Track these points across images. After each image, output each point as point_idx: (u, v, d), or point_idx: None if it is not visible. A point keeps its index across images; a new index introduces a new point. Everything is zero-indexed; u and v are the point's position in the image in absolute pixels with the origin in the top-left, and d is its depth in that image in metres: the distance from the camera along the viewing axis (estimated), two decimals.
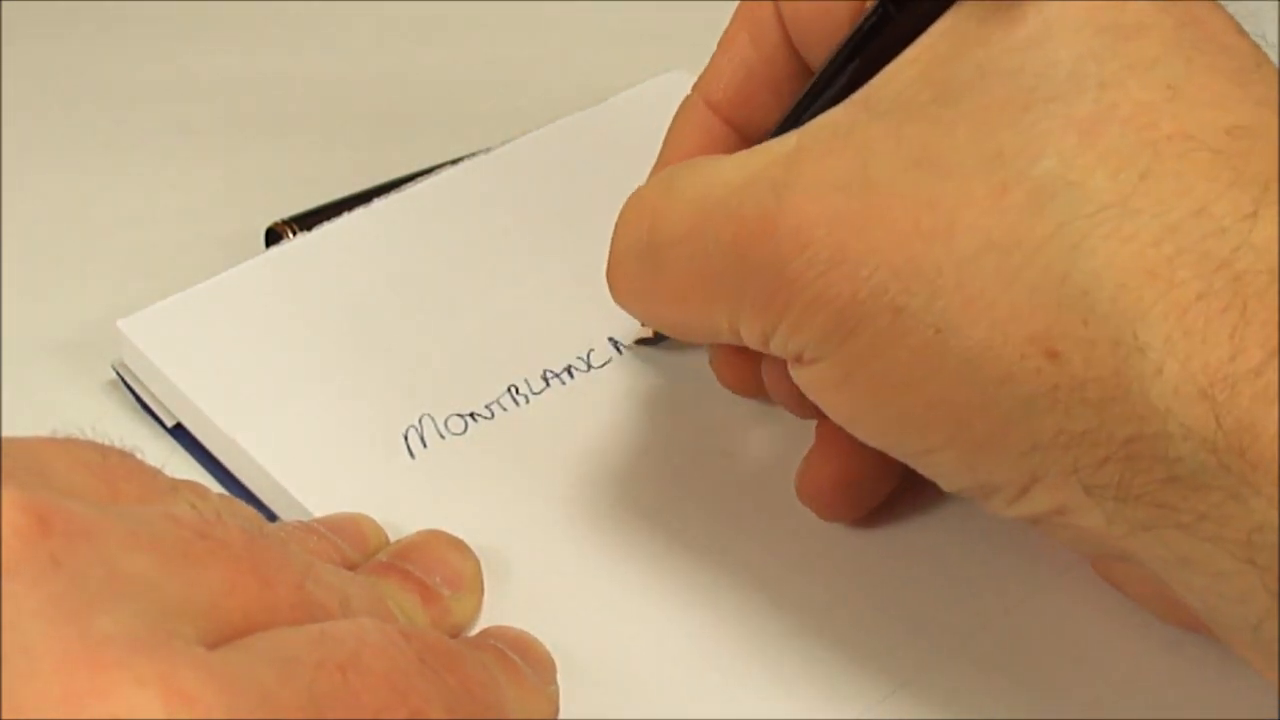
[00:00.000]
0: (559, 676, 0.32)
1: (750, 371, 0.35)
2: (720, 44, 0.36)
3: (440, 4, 0.56)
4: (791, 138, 0.30)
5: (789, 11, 0.34)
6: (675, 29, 0.56)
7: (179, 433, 0.39)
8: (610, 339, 0.40)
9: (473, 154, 0.45)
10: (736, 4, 0.36)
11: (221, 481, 0.38)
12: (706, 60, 0.41)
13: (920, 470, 0.31)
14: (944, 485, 0.31)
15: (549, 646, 0.32)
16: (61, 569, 0.23)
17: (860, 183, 0.29)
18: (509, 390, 0.39)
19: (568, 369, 0.39)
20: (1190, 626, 0.32)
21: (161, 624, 0.24)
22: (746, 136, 0.36)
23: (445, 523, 0.35)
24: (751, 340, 0.31)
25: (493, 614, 0.34)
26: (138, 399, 0.40)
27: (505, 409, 0.38)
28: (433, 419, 0.38)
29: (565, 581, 0.35)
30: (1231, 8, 0.30)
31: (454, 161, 0.45)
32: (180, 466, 0.38)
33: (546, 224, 0.43)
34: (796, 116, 0.33)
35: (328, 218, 0.43)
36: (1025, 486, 0.29)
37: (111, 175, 0.48)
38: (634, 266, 0.33)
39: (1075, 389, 0.27)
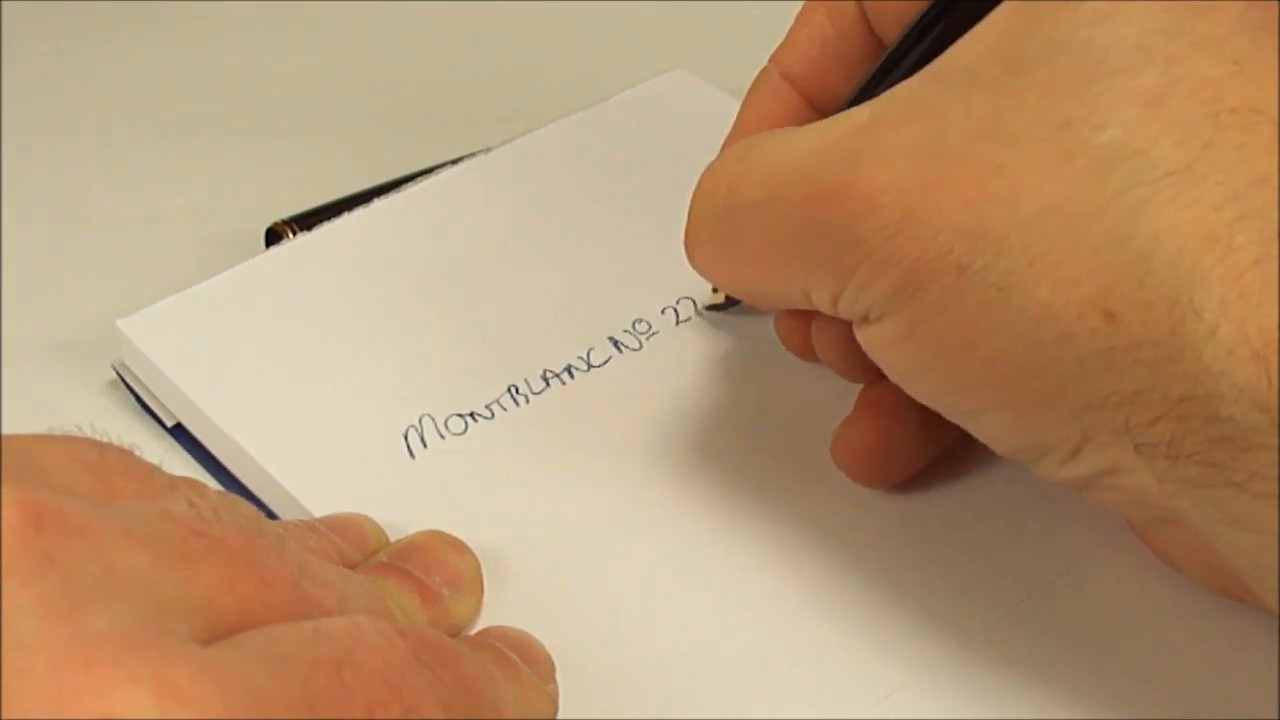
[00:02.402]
0: (559, 676, 0.32)
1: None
2: (798, 18, 0.38)
3: (440, 4, 0.56)
4: (865, 109, 0.31)
5: None
6: (675, 29, 0.56)
7: (179, 432, 0.39)
8: (610, 338, 0.40)
9: (473, 154, 0.45)
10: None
11: (221, 481, 0.38)
12: (707, 60, 0.41)
13: (973, 431, 0.32)
14: (996, 446, 0.32)
15: (548, 646, 0.32)
16: (55, 567, 0.23)
17: (931, 150, 0.30)
18: (509, 390, 0.39)
19: (568, 369, 0.39)
20: (1234, 595, 0.33)
21: (156, 622, 0.24)
22: (819, 109, 0.37)
23: (445, 522, 0.35)
24: (822, 302, 0.32)
25: (492, 614, 0.34)
26: (137, 399, 0.40)
27: (505, 409, 0.38)
28: (433, 419, 0.38)
29: (565, 581, 0.35)
30: None
31: (454, 161, 0.45)
32: (180, 466, 0.38)
33: (546, 224, 0.43)
34: (870, 90, 0.34)
35: (328, 218, 0.43)
36: (1077, 447, 0.30)
37: (112, 175, 0.48)
38: (711, 231, 0.34)
39: (1130, 349, 0.28)
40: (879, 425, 0.36)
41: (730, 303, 0.40)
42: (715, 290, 0.40)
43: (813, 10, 0.37)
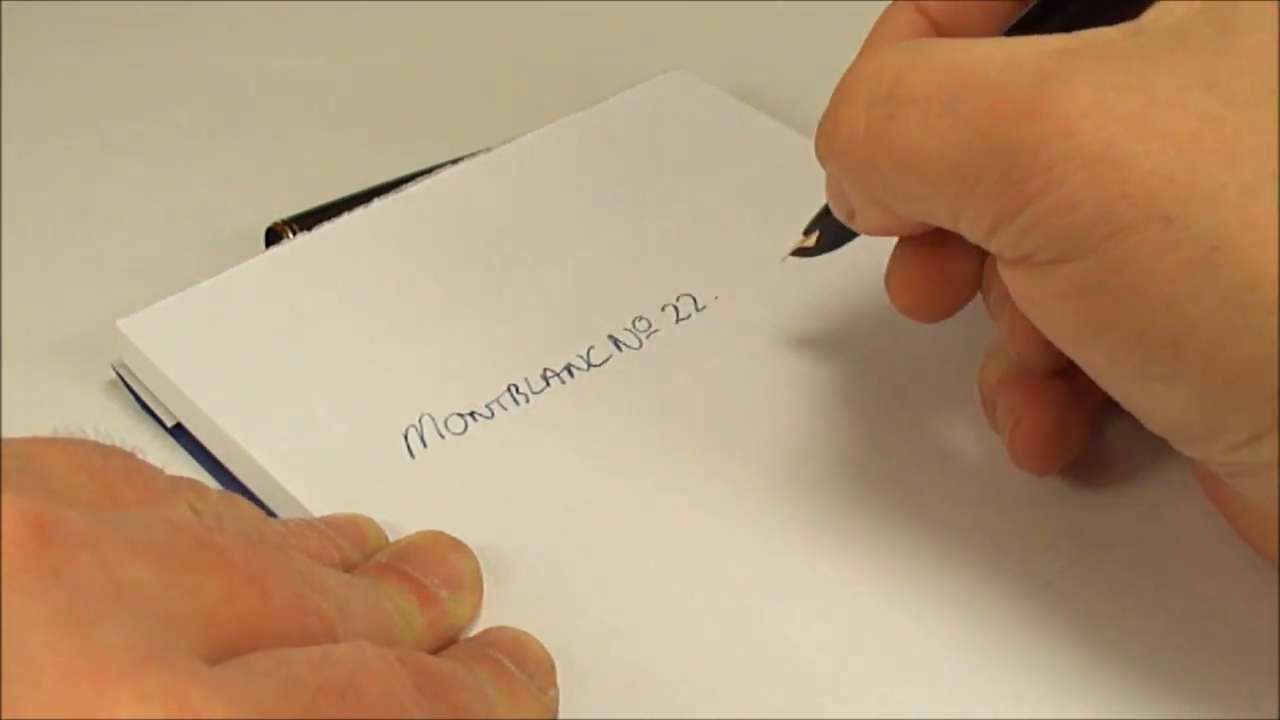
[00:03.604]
0: (559, 677, 0.32)
1: (938, 284, 0.35)
2: None
3: (441, 5, 0.56)
4: (1057, 39, 0.29)
5: None
6: (675, 29, 0.56)
7: (179, 432, 0.39)
8: (610, 336, 0.40)
9: (473, 154, 0.45)
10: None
11: (221, 481, 0.38)
12: (707, 60, 0.41)
13: (1133, 402, 0.30)
14: (1157, 421, 0.30)
15: (549, 646, 0.32)
16: (62, 580, 0.23)
17: (1139, 87, 0.28)
18: (509, 389, 0.39)
19: (568, 368, 0.39)
20: None
21: (162, 636, 0.24)
22: None
23: (445, 522, 0.35)
24: (975, 229, 0.30)
25: (492, 614, 0.34)
26: (138, 399, 0.40)
27: (505, 408, 0.38)
28: (433, 418, 0.38)
29: (566, 580, 0.35)
30: None
31: (454, 161, 0.45)
32: (180, 466, 0.38)
33: (546, 223, 0.43)
34: (1023, 29, 0.32)
35: (328, 218, 0.43)
36: (1260, 433, 0.28)
37: (112, 175, 0.48)
38: (862, 116, 0.31)
39: None
40: (1056, 413, 0.35)
41: (821, 247, 0.38)
42: (808, 233, 0.38)
43: None
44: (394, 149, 0.48)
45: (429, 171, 0.45)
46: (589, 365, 0.39)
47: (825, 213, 0.37)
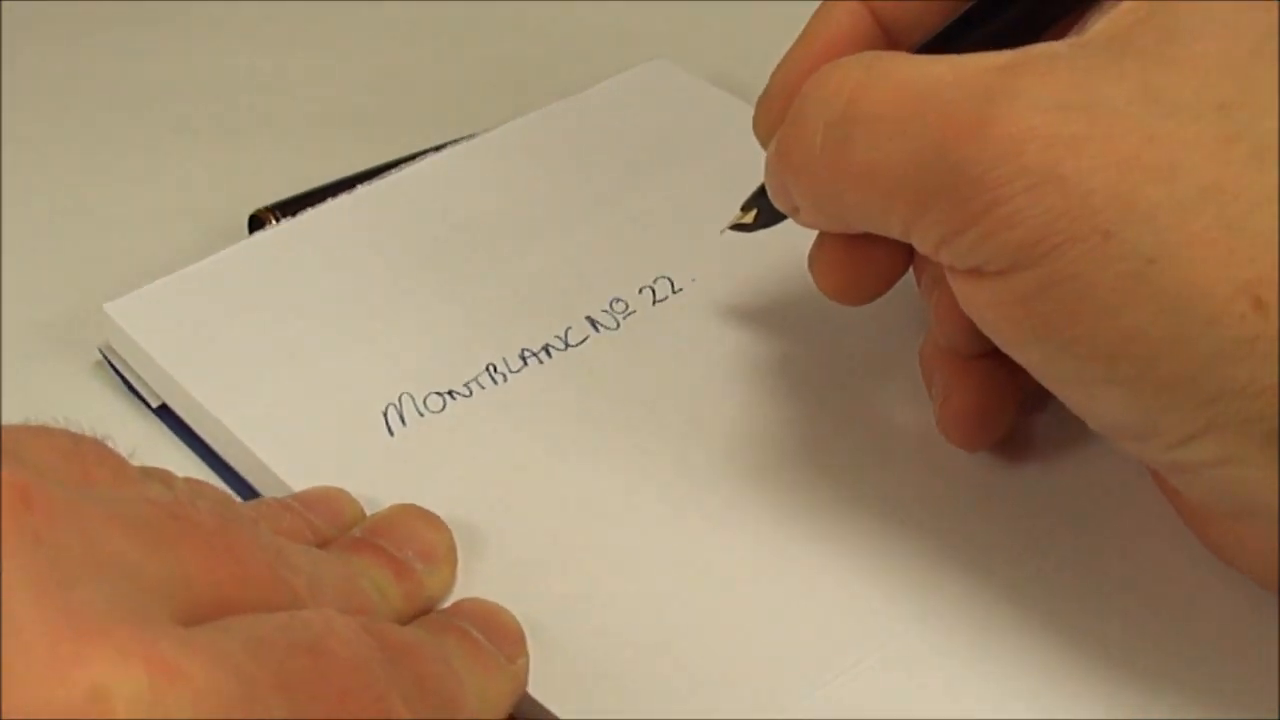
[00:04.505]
0: (531, 647, 0.32)
1: (863, 270, 0.35)
2: None
3: (427, 3, 0.57)
4: (1005, 54, 0.30)
5: None
6: (657, 18, 0.56)
7: (164, 413, 0.40)
8: (587, 317, 0.41)
9: (455, 141, 0.46)
10: None
11: (205, 460, 0.39)
12: (688, 49, 0.41)
13: (1073, 402, 0.31)
14: (1094, 421, 0.31)
15: (521, 618, 0.33)
16: (44, 545, 0.24)
17: (1081, 104, 0.28)
18: (487, 369, 0.39)
19: (545, 348, 0.40)
20: None
21: (140, 599, 0.24)
22: (893, 38, 0.35)
23: (423, 498, 0.35)
24: (924, 241, 0.31)
25: (466, 587, 0.34)
26: (124, 380, 0.40)
27: (484, 387, 0.39)
28: (412, 397, 0.38)
29: (540, 554, 0.35)
30: None
31: (437, 148, 0.46)
32: (165, 446, 0.39)
33: (526, 207, 0.44)
34: (967, 27, 0.33)
35: (310, 204, 0.43)
36: (1193, 435, 0.29)
37: (99, 164, 0.49)
38: (819, 136, 0.32)
39: (1275, 340, 0.27)
40: (984, 391, 0.36)
41: (759, 224, 0.38)
42: (745, 209, 0.38)
43: None
44: (378, 142, 0.48)
45: (412, 158, 0.45)
46: (566, 346, 0.40)
47: (762, 191, 0.37)
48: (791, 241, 0.39)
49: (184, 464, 0.39)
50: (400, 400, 0.38)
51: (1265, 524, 0.30)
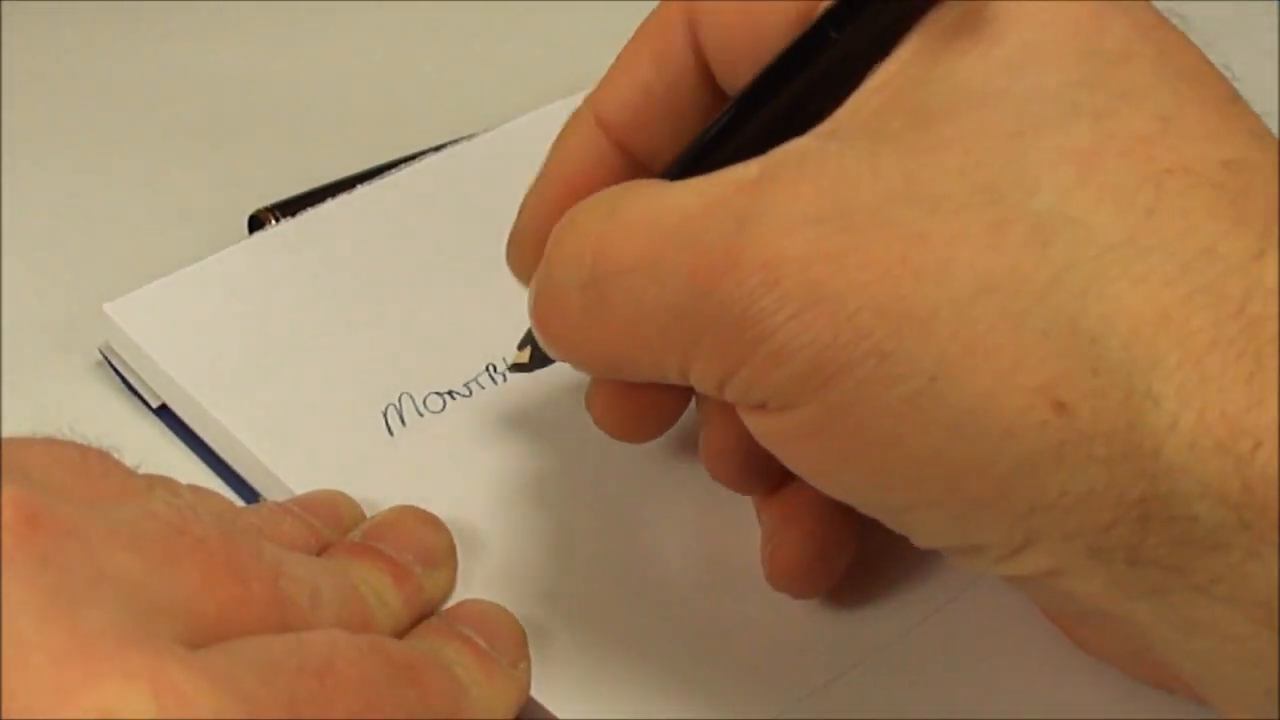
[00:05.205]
0: (533, 650, 0.32)
1: (642, 410, 0.33)
2: (619, 59, 0.33)
3: (428, 3, 0.57)
4: (752, 165, 0.27)
5: (707, 26, 0.31)
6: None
7: (164, 413, 0.40)
8: None
9: (455, 140, 0.46)
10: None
11: (205, 460, 0.39)
12: None
13: (895, 527, 0.29)
14: (920, 542, 0.29)
15: (522, 619, 0.33)
16: (50, 566, 0.24)
17: (837, 214, 0.26)
18: (487, 369, 0.39)
19: None
20: (1164, 685, 0.31)
21: (145, 621, 0.24)
22: (639, 162, 0.33)
23: (424, 499, 0.35)
24: (704, 384, 0.29)
25: (469, 589, 0.34)
26: (124, 381, 0.40)
27: (483, 387, 0.39)
28: (412, 397, 0.38)
29: (541, 555, 0.35)
30: (1236, 9, 0.29)
31: (437, 148, 0.46)
32: (165, 447, 0.39)
33: None
34: (713, 148, 0.30)
35: (310, 204, 0.43)
36: (1018, 548, 0.27)
37: (99, 165, 0.49)
38: (573, 301, 0.30)
39: (1083, 444, 0.25)
40: (806, 533, 0.33)
41: (539, 363, 0.36)
42: (522, 348, 0.36)
43: (637, 50, 0.32)
44: (378, 142, 0.48)
45: (412, 158, 0.45)
46: None
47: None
48: None
49: (184, 464, 0.39)
50: (400, 400, 0.38)
51: (1116, 624, 0.27)
